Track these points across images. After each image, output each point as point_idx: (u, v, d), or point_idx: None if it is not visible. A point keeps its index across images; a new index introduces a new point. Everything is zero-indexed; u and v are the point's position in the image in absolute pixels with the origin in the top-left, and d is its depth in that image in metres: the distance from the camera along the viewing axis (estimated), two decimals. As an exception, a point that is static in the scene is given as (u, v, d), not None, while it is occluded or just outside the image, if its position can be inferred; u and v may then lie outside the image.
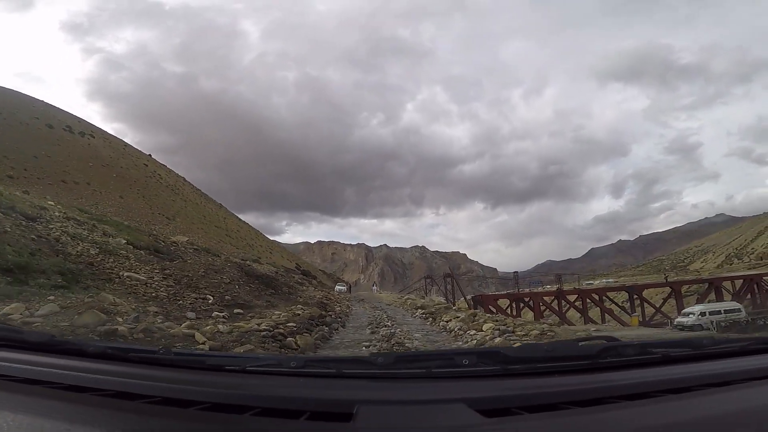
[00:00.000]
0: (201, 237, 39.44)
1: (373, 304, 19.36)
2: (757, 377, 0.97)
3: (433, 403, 0.84)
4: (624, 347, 1.12)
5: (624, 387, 0.89)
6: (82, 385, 0.94)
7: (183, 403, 0.84)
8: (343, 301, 19.81)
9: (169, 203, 52.17)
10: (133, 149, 76.45)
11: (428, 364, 1.03)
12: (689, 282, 45.13)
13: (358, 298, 26.70)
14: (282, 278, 18.68)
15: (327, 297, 17.75)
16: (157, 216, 40.38)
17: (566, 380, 0.95)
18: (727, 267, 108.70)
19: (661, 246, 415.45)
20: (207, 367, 1.12)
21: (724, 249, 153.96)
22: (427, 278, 48.17)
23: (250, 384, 1.00)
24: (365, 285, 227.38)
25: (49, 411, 0.81)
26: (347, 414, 0.77)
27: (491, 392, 0.88)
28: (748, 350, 1.19)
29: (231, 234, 60.57)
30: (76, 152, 48.78)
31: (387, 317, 13.18)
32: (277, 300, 12.37)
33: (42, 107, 62.54)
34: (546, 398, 0.83)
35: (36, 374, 1.01)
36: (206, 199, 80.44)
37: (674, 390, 0.88)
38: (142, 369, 1.09)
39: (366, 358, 1.12)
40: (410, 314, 14.66)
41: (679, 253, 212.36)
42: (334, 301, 17.20)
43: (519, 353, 1.11)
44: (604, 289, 42.58)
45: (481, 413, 0.76)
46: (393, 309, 16.97)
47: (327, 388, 0.96)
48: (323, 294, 17.97)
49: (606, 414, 0.78)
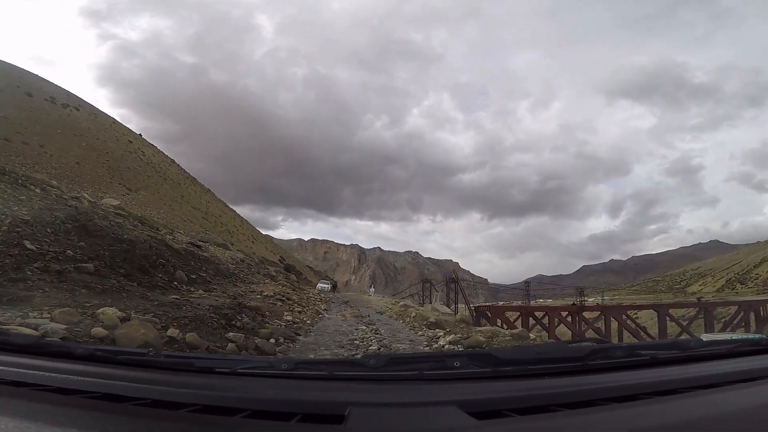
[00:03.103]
0: (165, 213, 34.63)
1: (359, 311, 13.57)
2: (744, 379, 0.99)
3: (425, 405, 0.83)
4: (613, 349, 1.15)
5: (613, 389, 0.91)
6: (70, 388, 0.92)
7: (173, 405, 0.83)
8: (316, 304, 14.05)
9: (141, 177, 46.96)
10: (122, 127, 71.98)
11: (420, 366, 1.02)
12: (721, 304, 39.83)
13: (341, 300, 20.98)
14: (217, 263, 12.81)
15: (285, 295, 11.70)
16: (114, 185, 35.14)
17: (556, 382, 0.95)
18: (728, 291, 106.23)
19: (651, 268, 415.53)
20: (197, 369, 1.10)
21: (723, 274, 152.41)
22: (425, 282, 41.96)
23: (241, 386, 0.98)
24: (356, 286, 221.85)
25: (36, 413, 0.79)
26: (339, 416, 0.76)
27: (483, 394, 0.88)
28: (734, 353, 1.21)
29: (209, 218, 55.77)
30: (47, 119, 44.07)
31: (375, 337, 7.61)
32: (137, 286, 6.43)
33: (32, 79, 58.68)
34: (537, 400, 0.84)
35: (22, 376, 0.99)
36: (193, 183, 76.05)
37: (662, 392, 0.89)
38: (131, 371, 1.06)
39: (358, 360, 1.10)
40: (414, 331, 9.06)
41: (675, 275, 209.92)
42: (292, 303, 11.22)
43: (510, 355, 1.10)
44: (629, 306, 37.06)
45: (472, 415, 0.76)
46: (387, 320, 11.33)
47: (319, 390, 0.95)
48: (279, 290, 11.89)
49: (596, 416, 0.79)
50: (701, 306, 37.07)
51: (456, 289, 35.13)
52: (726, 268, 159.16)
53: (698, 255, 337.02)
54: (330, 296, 23.78)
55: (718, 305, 38.12)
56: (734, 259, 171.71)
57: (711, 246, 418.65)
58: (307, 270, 74.48)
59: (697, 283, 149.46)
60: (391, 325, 9.86)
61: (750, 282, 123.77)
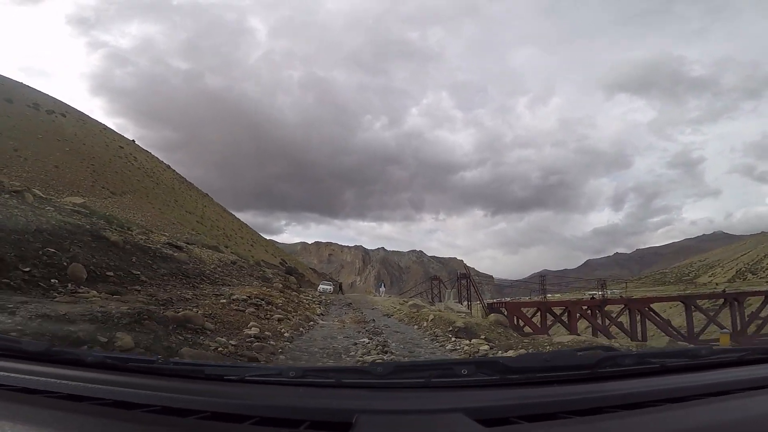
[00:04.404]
0: (153, 216, 32.53)
1: (362, 314, 11.14)
2: (755, 387, 0.97)
3: (432, 413, 0.83)
4: (622, 357, 1.13)
5: (622, 396, 0.90)
6: (80, 395, 0.93)
7: (182, 412, 0.84)
8: (309, 308, 11.60)
9: (130, 182, 44.75)
10: (113, 133, 69.70)
11: (427, 374, 1.02)
12: (751, 293, 37.04)
13: (344, 302, 18.66)
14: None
15: (265, 298, 9.00)
16: (97, 188, 32.96)
17: (565, 390, 0.95)
18: (740, 282, 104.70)
19: (657, 260, 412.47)
20: (206, 376, 1.09)
21: (732, 264, 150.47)
22: (433, 279, 39.26)
23: (250, 393, 0.98)
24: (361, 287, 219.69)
25: (47, 420, 0.80)
26: (347, 423, 0.77)
27: (490, 402, 0.88)
28: (745, 360, 1.20)
29: (205, 222, 53.48)
30: (26, 125, 41.86)
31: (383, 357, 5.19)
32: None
33: (15, 86, 56.16)
34: (545, 408, 0.83)
35: (34, 384, 1.00)
36: (189, 188, 73.85)
37: (672, 399, 0.89)
38: (141, 378, 1.07)
39: (365, 368, 1.09)
40: (438, 342, 6.65)
41: (682, 267, 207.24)
42: (272, 308, 8.38)
43: (518, 363, 1.09)
44: (655, 298, 34.33)
45: (480, 423, 0.76)
46: (396, 325, 8.92)
47: (326, 397, 0.95)
48: (259, 293, 9.17)
49: (605, 423, 0.79)
50: (730, 297, 34.42)
51: (468, 285, 32.67)
52: (734, 259, 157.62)
53: (703, 246, 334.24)
54: (332, 298, 21.56)
55: (748, 295, 35.42)
56: (741, 250, 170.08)
57: (715, 237, 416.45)
58: (310, 272, 72.40)
59: (706, 275, 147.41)
60: (403, 334, 7.47)
61: (761, 272, 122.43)
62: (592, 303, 31.30)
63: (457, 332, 7.11)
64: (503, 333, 7.18)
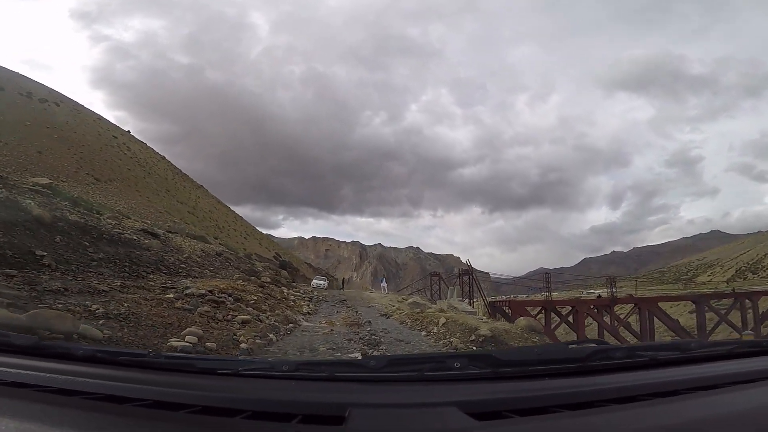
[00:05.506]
0: (138, 204, 31.04)
1: (356, 313, 9.56)
2: (744, 380, 0.99)
3: (425, 406, 0.83)
4: (613, 350, 1.15)
5: (613, 390, 0.91)
6: (71, 389, 0.92)
7: (173, 406, 0.83)
8: (293, 306, 9.96)
9: (119, 170, 43.03)
10: (108, 123, 67.56)
11: (420, 367, 1.02)
12: (765, 293, 35.58)
13: (337, 299, 17.13)
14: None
15: (234, 293, 7.22)
16: (81, 174, 31.38)
17: (557, 383, 0.95)
18: (740, 281, 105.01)
19: (654, 259, 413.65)
20: (198, 370, 1.09)
21: (731, 263, 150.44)
22: (433, 275, 37.46)
23: (242, 387, 0.99)
24: (357, 283, 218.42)
25: (36, 414, 0.79)
26: (339, 417, 0.77)
27: (483, 395, 0.88)
28: (735, 354, 1.21)
29: (197, 213, 51.98)
30: (15, 112, 40.07)
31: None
32: None
33: (9, 76, 53.95)
34: (537, 401, 0.84)
35: (23, 378, 0.98)
36: (183, 179, 72.06)
37: (662, 393, 0.90)
38: (132, 372, 1.05)
39: (358, 362, 1.09)
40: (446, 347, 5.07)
41: (681, 265, 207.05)
42: (239, 306, 6.58)
43: (510, 356, 1.10)
44: (665, 297, 32.92)
45: (472, 416, 0.77)
46: (397, 329, 7.37)
47: (319, 391, 0.96)
48: (227, 286, 7.46)
49: (596, 417, 0.80)
50: (742, 296, 33.04)
51: (471, 282, 31.13)
52: (733, 258, 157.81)
53: (700, 245, 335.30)
54: (325, 294, 20.03)
55: (762, 294, 33.98)
56: (738, 249, 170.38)
57: (712, 236, 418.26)
58: (305, 267, 71.00)
59: (705, 274, 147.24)
60: (409, 344, 5.88)
61: (761, 271, 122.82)
62: (601, 302, 29.90)
63: (483, 342, 5.57)
64: (540, 342, 5.62)
